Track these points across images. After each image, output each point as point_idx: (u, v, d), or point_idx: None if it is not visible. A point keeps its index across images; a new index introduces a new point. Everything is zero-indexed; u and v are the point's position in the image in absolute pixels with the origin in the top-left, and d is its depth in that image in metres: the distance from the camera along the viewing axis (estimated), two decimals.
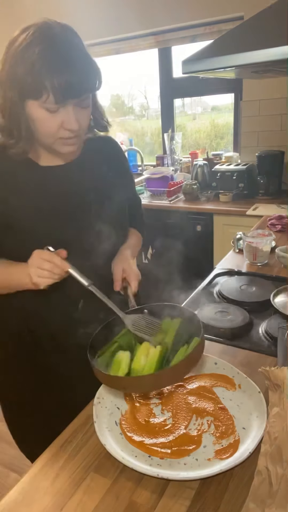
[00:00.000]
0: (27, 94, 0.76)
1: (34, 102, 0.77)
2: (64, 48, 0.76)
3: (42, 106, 0.77)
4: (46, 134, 0.82)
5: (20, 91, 0.76)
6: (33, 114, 0.79)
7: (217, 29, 2.75)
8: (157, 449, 0.73)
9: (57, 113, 0.79)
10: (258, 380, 0.85)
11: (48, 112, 0.78)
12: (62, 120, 0.80)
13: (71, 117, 0.80)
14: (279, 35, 1.15)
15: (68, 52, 0.76)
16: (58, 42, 0.76)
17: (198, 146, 3.39)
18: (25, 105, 0.78)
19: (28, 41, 0.74)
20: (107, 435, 0.76)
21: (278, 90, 2.65)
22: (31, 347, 1.02)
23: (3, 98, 0.79)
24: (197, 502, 0.64)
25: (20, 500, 0.67)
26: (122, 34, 3.08)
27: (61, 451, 0.75)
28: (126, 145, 3.54)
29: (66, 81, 0.74)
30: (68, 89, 0.76)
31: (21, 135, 0.82)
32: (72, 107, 0.80)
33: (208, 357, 0.95)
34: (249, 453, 0.69)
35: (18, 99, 0.77)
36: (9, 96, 0.77)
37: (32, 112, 0.79)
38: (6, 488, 1.72)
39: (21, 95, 0.77)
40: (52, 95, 0.75)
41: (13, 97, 0.77)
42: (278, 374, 0.75)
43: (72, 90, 0.76)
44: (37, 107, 0.78)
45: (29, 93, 0.76)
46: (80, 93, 0.79)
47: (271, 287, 1.29)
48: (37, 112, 0.78)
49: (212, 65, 1.31)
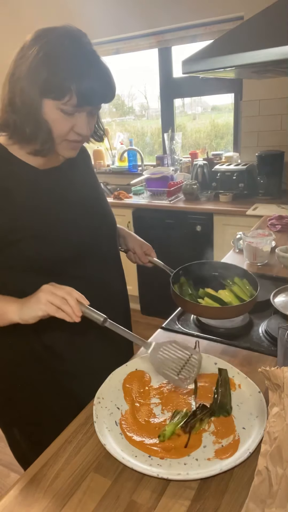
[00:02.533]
0: (49, 93, 0.76)
1: (53, 102, 0.78)
2: (91, 56, 0.79)
3: (59, 107, 0.78)
4: (56, 135, 0.83)
5: (41, 90, 0.76)
6: (48, 114, 0.79)
7: (217, 29, 2.75)
8: (157, 449, 0.73)
9: (71, 116, 0.81)
10: (258, 380, 0.85)
11: (63, 114, 0.80)
12: (75, 123, 0.82)
13: (84, 122, 0.83)
14: (279, 35, 1.16)
15: (96, 60, 0.79)
16: (86, 49, 0.79)
17: (198, 146, 3.39)
18: (43, 104, 0.78)
19: (54, 43, 0.76)
20: (107, 435, 0.76)
21: (278, 90, 2.65)
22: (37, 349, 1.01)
23: (21, 95, 0.78)
24: (197, 502, 0.64)
25: (20, 500, 0.67)
26: (122, 34, 3.08)
27: (61, 451, 0.75)
28: (126, 145, 3.54)
29: (91, 87, 0.77)
30: (91, 95, 0.79)
31: (37, 134, 0.81)
32: (86, 113, 0.82)
33: (208, 357, 0.95)
34: (249, 453, 0.69)
35: (37, 97, 0.77)
36: (28, 93, 0.77)
37: (47, 112, 0.79)
38: (6, 488, 1.72)
39: (42, 93, 0.77)
40: (75, 98, 0.77)
41: (33, 95, 0.77)
42: (278, 374, 0.75)
43: (93, 97, 0.80)
44: (53, 107, 0.78)
45: (51, 92, 0.76)
46: (100, 101, 0.83)
47: (271, 287, 1.29)
48: (53, 113, 0.79)
49: (212, 65, 1.31)
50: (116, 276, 1.13)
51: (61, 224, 0.92)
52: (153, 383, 0.90)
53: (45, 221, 0.90)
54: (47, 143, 0.83)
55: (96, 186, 1.08)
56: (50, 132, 0.82)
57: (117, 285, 1.14)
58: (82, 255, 0.96)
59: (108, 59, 3.37)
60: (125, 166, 3.51)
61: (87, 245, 0.97)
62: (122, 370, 0.93)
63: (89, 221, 0.99)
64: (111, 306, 1.03)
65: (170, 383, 0.89)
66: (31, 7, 3.31)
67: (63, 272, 0.93)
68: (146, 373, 0.93)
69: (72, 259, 0.94)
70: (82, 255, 0.96)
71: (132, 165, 3.46)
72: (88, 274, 0.99)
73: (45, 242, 0.89)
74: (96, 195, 1.06)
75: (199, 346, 0.97)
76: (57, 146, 0.86)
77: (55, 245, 0.90)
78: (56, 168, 0.95)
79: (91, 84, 0.77)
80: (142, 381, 0.91)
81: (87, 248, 0.97)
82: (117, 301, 1.14)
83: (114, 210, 1.14)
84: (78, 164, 1.02)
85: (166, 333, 1.12)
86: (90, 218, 0.99)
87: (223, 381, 0.86)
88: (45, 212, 0.90)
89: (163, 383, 0.90)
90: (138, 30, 3.00)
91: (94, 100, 0.81)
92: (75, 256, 0.95)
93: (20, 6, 3.37)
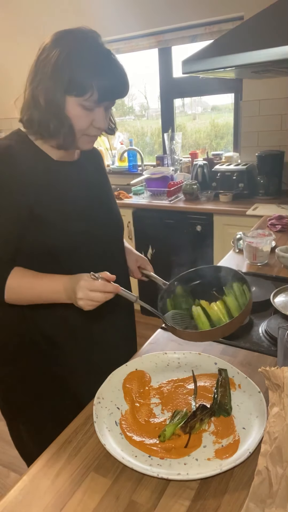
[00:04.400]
0: (72, 91, 0.82)
1: (74, 99, 0.83)
2: (108, 54, 0.85)
3: (80, 103, 0.84)
4: (77, 130, 0.88)
5: (65, 88, 0.82)
6: (70, 110, 0.85)
7: (217, 29, 2.75)
8: (157, 449, 0.73)
9: (91, 112, 0.86)
10: (258, 380, 0.85)
11: (84, 110, 0.85)
12: (94, 118, 0.88)
13: (102, 117, 0.89)
14: (279, 35, 1.16)
15: (113, 59, 0.85)
16: (103, 48, 0.84)
17: (198, 146, 3.39)
18: (66, 101, 0.84)
19: (75, 45, 0.82)
20: (107, 435, 0.76)
21: (278, 90, 2.65)
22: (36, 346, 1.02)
23: (45, 94, 0.83)
24: (197, 502, 0.64)
25: (20, 500, 0.67)
26: (122, 34, 3.08)
27: (61, 451, 0.76)
28: (126, 145, 3.54)
29: (111, 83, 0.84)
30: (110, 91, 0.85)
31: (60, 130, 0.86)
32: (103, 108, 0.88)
33: (208, 357, 0.95)
34: (249, 453, 0.69)
35: (62, 96, 0.83)
36: (53, 92, 0.82)
37: (69, 108, 0.85)
38: (6, 488, 1.72)
39: (65, 92, 0.82)
40: (97, 94, 0.83)
41: (58, 93, 0.82)
42: (278, 374, 0.75)
43: (113, 92, 0.87)
44: (75, 104, 0.84)
45: (74, 90, 0.82)
46: (118, 96, 0.88)
47: (271, 287, 1.29)
48: (74, 109, 0.85)
49: (212, 65, 1.31)
50: (121, 273, 1.14)
51: (65, 215, 0.94)
52: (153, 383, 0.90)
53: (50, 209, 0.92)
54: (69, 137, 0.88)
55: (106, 185, 1.12)
56: (72, 127, 0.87)
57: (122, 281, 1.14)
58: (84, 248, 0.98)
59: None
60: (125, 166, 3.51)
61: (89, 238, 0.99)
62: (122, 370, 0.93)
63: (93, 217, 1.01)
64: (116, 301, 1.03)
65: (170, 383, 0.89)
66: (31, 7, 3.31)
67: (66, 264, 0.95)
68: (146, 373, 0.93)
69: (74, 251, 0.96)
70: (84, 248, 0.98)
71: (132, 165, 3.46)
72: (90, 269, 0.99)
73: (48, 230, 0.92)
74: (105, 194, 1.09)
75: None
76: (78, 140, 0.91)
77: (57, 234, 0.93)
78: (69, 162, 0.99)
79: (110, 81, 0.84)
80: (143, 381, 0.91)
81: (89, 242, 0.99)
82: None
83: None
84: (91, 162, 1.07)
85: (166, 333, 1.12)
86: (94, 214, 1.02)
87: (223, 381, 0.86)
88: (52, 200, 0.93)
89: (163, 383, 0.90)
90: (138, 30, 3.00)
91: (113, 96, 0.88)
92: (77, 247, 0.96)
93: (20, 6, 3.37)
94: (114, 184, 3.50)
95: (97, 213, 1.03)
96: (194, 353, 0.98)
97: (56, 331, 1.01)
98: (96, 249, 1.01)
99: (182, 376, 0.92)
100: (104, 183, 1.12)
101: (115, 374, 0.91)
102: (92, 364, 1.05)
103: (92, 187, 1.04)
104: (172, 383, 0.90)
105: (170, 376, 0.92)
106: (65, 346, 1.03)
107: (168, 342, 1.07)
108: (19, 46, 3.32)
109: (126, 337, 1.22)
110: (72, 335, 1.02)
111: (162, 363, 0.96)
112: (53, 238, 0.92)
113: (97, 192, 1.06)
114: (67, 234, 0.94)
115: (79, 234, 0.97)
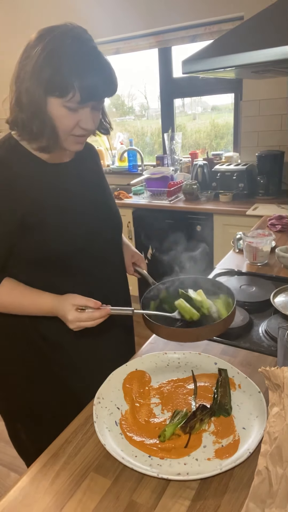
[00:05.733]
0: (53, 91, 0.78)
1: (57, 100, 0.80)
2: (93, 52, 0.80)
3: (63, 104, 0.80)
4: (61, 131, 0.85)
5: (46, 88, 0.78)
6: (53, 111, 0.81)
7: (217, 29, 2.75)
8: (157, 449, 0.73)
9: (76, 112, 0.83)
10: (258, 380, 0.85)
11: (68, 110, 0.81)
12: (80, 119, 0.84)
13: (88, 117, 0.85)
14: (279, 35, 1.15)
15: (96, 56, 0.80)
16: (87, 45, 0.80)
17: (198, 146, 3.39)
18: (48, 102, 0.80)
19: (56, 42, 0.77)
20: (107, 435, 0.76)
21: (278, 90, 2.65)
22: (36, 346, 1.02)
23: (26, 94, 0.80)
24: (197, 502, 0.64)
25: (20, 500, 0.67)
26: (122, 34, 3.08)
27: (61, 451, 0.75)
28: (126, 145, 3.54)
29: (94, 83, 0.79)
30: (94, 91, 0.80)
31: (43, 131, 0.83)
32: (90, 108, 0.84)
33: (208, 357, 0.95)
34: (249, 453, 0.69)
35: (42, 96, 0.79)
36: (33, 92, 0.79)
37: (52, 109, 0.81)
38: (6, 488, 1.72)
39: (46, 92, 0.79)
40: (79, 95, 0.78)
41: (38, 94, 0.79)
42: (278, 374, 0.75)
43: (96, 92, 0.82)
44: (58, 105, 0.80)
45: (55, 90, 0.78)
46: (103, 95, 0.85)
47: (271, 287, 1.29)
48: (58, 110, 0.81)
49: (212, 65, 1.31)
50: (118, 273, 1.14)
51: (64, 218, 0.94)
52: (153, 383, 0.90)
53: (49, 213, 0.91)
54: (52, 139, 0.85)
55: (103, 184, 1.10)
56: (55, 129, 0.84)
57: (120, 281, 1.16)
58: (85, 249, 0.98)
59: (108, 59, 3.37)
60: (125, 166, 3.51)
61: (90, 240, 0.99)
62: (122, 370, 0.93)
63: (93, 217, 1.01)
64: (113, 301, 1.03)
65: (170, 383, 0.89)
66: (30, 7, 3.31)
67: (66, 266, 0.95)
68: (146, 373, 0.93)
69: (75, 253, 0.96)
70: (85, 249, 0.98)
71: (132, 165, 3.46)
72: (90, 270, 1.00)
73: (49, 233, 0.91)
74: (102, 193, 1.08)
75: None
76: (64, 142, 0.88)
77: (58, 237, 0.92)
78: (64, 163, 0.97)
79: (93, 80, 0.79)
80: (143, 381, 0.91)
81: (90, 243, 0.99)
82: (119, 296, 1.15)
83: None
84: (87, 161, 1.05)
85: None
86: (94, 214, 1.01)
87: (223, 381, 0.86)
88: (50, 204, 0.92)
89: (163, 383, 0.90)
90: (138, 30, 3.00)
91: (97, 95, 0.83)
92: (78, 250, 0.96)
93: (20, 6, 3.37)
94: (114, 184, 3.50)
95: (97, 214, 1.02)
96: (194, 353, 0.98)
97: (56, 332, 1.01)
98: (96, 250, 1.01)
99: (182, 376, 0.92)
100: (102, 181, 1.10)
101: (115, 374, 0.91)
102: (93, 364, 1.05)
103: (90, 187, 1.03)
104: (172, 383, 0.90)
105: (170, 376, 0.92)
106: (65, 346, 1.02)
107: (168, 342, 1.07)
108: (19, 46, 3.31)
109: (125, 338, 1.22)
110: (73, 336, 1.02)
111: (162, 363, 0.96)
112: (52, 243, 0.92)
113: (95, 192, 1.05)
114: (66, 238, 0.93)
115: (79, 237, 0.96)
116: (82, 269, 0.98)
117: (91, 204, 1.01)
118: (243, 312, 1.17)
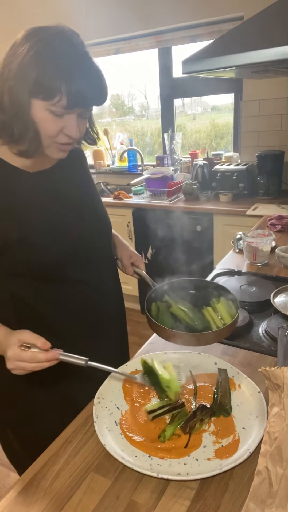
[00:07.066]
0: (38, 93, 0.74)
1: (42, 103, 0.75)
2: (83, 56, 0.76)
3: (48, 108, 0.76)
4: (44, 136, 0.81)
5: (30, 90, 0.74)
6: (37, 115, 0.77)
7: (217, 29, 2.75)
8: (157, 449, 0.73)
9: (61, 118, 0.78)
10: (258, 380, 0.85)
11: (53, 115, 0.77)
12: (64, 125, 0.79)
13: (73, 124, 0.80)
14: (279, 35, 1.15)
15: (87, 62, 0.77)
16: (77, 49, 0.76)
17: (198, 146, 3.39)
18: (32, 104, 0.76)
19: (45, 42, 0.73)
20: (107, 435, 0.76)
21: (278, 90, 2.65)
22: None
23: (9, 94, 0.75)
24: (197, 502, 0.64)
25: (20, 501, 0.67)
26: (122, 34, 3.08)
27: (61, 451, 0.76)
28: (126, 145, 3.54)
29: (82, 89, 0.75)
30: (82, 97, 0.76)
31: (24, 135, 0.79)
32: (76, 115, 0.80)
33: (208, 357, 0.95)
34: (249, 453, 0.69)
35: (26, 97, 0.75)
36: (17, 92, 0.74)
37: (35, 112, 0.76)
38: (6, 488, 1.72)
39: (31, 93, 0.75)
40: (65, 99, 0.74)
41: (22, 94, 0.74)
42: (278, 374, 0.75)
43: (84, 99, 0.77)
44: (42, 108, 0.76)
45: (41, 92, 0.74)
46: (91, 103, 0.81)
47: (271, 287, 1.29)
48: (41, 113, 0.77)
49: (212, 65, 1.31)
50: (110, 278, 1.11)
51: (51, 228, 0.90)
52: None
53: (35, 225, 0.88)
54: (33, 144, 0.80)
55: (90, 188, 1.05)
56: (38, 133, 0.79)
57: (112, 286, 1.12)
58: (74, 258, 0.95)
59: (108, 59, 3.38)
60: (125, 166, 3.51)
61: (79, 249, 0.95)
62: (122, 370, 0.93)
63: (81, 224, 0.97)
64: (106, 307, 1.02)
65: None
66: (30, 7, 3.31)
67: (57, 276, 0.92)
68: None
69: (64, 263, 0.93)
70: (74, 258, 0.95)
71: (132, 165, 3.46)
72: (81, 278, 0.97)
73: (35, 247, 0.87)
74: (91, 197, 1.03)
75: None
76: (46, 148, 0.83)
77: (45, 250, 0.89)
78: (47, 170, 0.93)
79: (82, 86, 0.75)
80: None
81: (79, 252, 0.95)
82: (112, 301, 1.13)
83: (114, 210, 1.14)
84: (73, 166, 0.99)
85: None
86: (82, 221, 0.97)
87: (223, 381, 0.86)
88: (35, 216, 0.88)
89: None
90: (138, 30, 3.00)
91: (85, 102, 0.79)
92: (67, 260, 0.93)
93: (20, 5, 3.37)
94: (115, 184, 3.50)
95: (83, 221, 0.97)
96: (194, 353, 0.97)
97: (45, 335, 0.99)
98: (83, 258, 0.97)
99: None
100: (89, 184, 1.05)
101: (115, 374, 0.91)
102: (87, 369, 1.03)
103: (75, 194, 0.98)
104: None
105: None
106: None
107: (168, 342, 1.07)
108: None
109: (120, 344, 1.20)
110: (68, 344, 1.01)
111: (162, 363, 0.96)
112: (36, 257, 0.87)
113: (81, 198, 0.99)
114: (50, 250, 0.89)
115: (64, 247, 0.92)
116: (70, 278, 0.94)
117: (77, 211, 0.96)
118: (243, 312, 1.17)
